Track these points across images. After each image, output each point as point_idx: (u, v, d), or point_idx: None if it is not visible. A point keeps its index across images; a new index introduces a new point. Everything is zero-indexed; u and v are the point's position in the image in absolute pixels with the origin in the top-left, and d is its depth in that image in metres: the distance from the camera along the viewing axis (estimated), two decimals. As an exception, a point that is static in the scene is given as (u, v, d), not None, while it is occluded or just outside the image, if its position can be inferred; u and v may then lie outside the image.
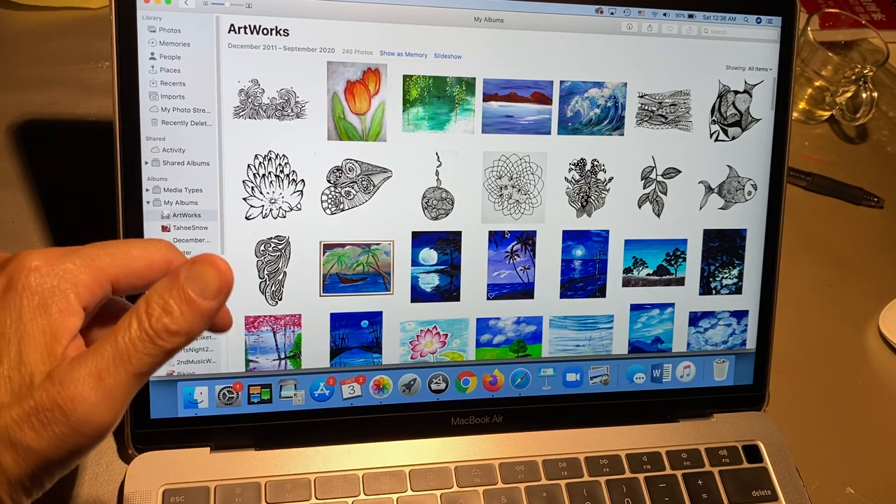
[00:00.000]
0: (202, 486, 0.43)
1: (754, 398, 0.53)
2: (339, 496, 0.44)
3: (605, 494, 0.47)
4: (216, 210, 0.44)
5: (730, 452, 0.50)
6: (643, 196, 0.50)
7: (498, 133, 0.47)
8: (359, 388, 0.47)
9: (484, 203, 0.47)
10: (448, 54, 0.46)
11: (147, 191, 0.42)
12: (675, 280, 0.51)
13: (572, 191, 0.49)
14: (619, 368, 0.51)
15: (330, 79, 0.44)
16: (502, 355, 0.49)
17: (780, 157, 0.52)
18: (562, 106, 0.48)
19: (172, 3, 0.42)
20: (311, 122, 0.44)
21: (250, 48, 0.43)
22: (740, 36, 0.50)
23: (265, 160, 0.44)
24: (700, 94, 0.50)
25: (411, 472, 0.46)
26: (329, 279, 0.46)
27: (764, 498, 0.49)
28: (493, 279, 0.48)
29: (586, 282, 0.50)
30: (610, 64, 0.48)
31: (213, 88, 0.43)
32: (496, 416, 0.49)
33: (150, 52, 0.42)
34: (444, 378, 0.48)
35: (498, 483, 0.46)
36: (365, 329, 0.46)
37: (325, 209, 0.45)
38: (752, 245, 0.52)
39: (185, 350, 0.44)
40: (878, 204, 0.73)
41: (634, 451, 0.49)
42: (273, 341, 0.45)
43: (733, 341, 0.52)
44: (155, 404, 0.44)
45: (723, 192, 0.51)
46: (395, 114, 0.45)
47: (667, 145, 0.50)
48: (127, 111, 0.42)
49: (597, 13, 0.48)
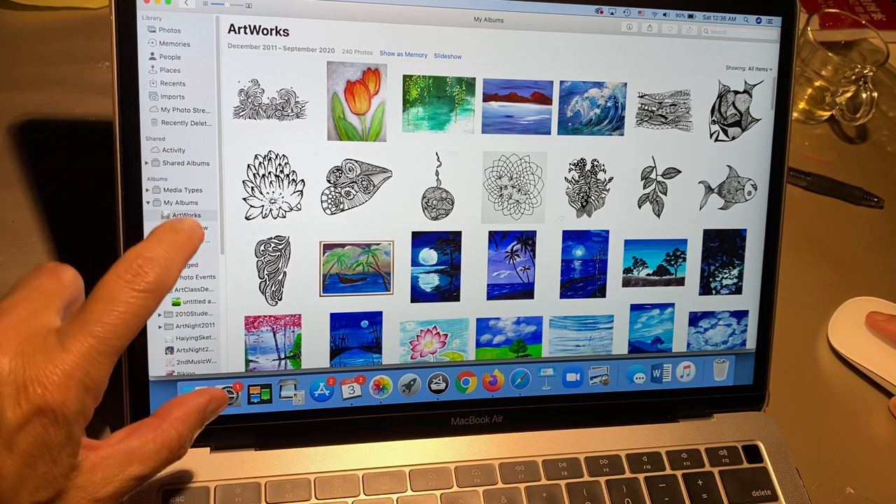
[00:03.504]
0: (202, 486, 0.43)
1: (754, 398, 0.53)
2: (339, 496, 0.44)
3: (605, 494, 0.47)
4: (216, 210, 0.44)
5: (730, 452, 0.50)
6: (643, 196, 0.50)
7: (498, 133, 0.47)
8: (359, 388, 0.47)
9: (484, 203, 0.47)
10: (448, 54, 0.46)
11: (147, 191, 0.42)
12: (675, 280, 0.51)
13: (572, 191, 0.49)
14: (619, 368, 0.51)
15: (330, 79, 0.44)
16: (502, 355, 0.49)
17: (780, 157, 0.52)
18: (562, 106, 0.48)
19: (172, 3, 0.42)
20: (311, 122, 0.44)
21: (250, 48, 0.43)
22: (740, 36, 0.50)
23: (265, 160, 0.44)
24: (700, 94, 0.50)
25: (411, 472, 0.46)
26: (329, 279, 0.46)
27: (764, 498, 0.49)
28: (493, 279, 0.48)
29: (586, 282, 0.50)
30: (610, 64, 0.48)
31: (213, 88, 0.43)
32: (496, 416, 0.49)
33: (150, 52, 0.42)
34: (444, 378, 0.48)
35: (498, 483, 0.46)
36: (365, 329, 0.46)
37: (325, 209, 0.45)
38: (752, 245, 0.52)
39: (185, 350, 0.44)
40: (878, 204, 0.73)
41: (634, 451, 0.49)
42: (273, 341, 0.45)
43: (733, 341, 0.52)
44: (155, 404, 0.44)
45: (723, 192, 0.51)
46: (395, 114, 0.45)
47: (667, 145, 0.50)
48: (127, 111, 0.42)
49: (597, 13, 0.48)
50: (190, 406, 0.34)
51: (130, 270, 0.30)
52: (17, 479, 0.28)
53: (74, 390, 0.28)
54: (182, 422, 0.34)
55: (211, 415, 0.35)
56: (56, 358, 0.28)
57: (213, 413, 0.36)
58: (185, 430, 0.34)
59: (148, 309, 0.31)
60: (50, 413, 0.28)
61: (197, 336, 0.44)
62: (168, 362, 0.44)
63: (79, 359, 0.28)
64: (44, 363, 0.28)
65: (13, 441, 0.27)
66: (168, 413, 0.34)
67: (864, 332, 0.61)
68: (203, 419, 0.35)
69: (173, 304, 0.43)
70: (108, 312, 0.29)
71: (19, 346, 0.28)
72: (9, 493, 0.28)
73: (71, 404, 0.28)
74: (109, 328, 0.29)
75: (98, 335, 0.29)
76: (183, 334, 0.44)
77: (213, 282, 0.44)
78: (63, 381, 0.28)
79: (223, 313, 0.44)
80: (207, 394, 0.35)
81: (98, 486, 0.30)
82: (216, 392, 0.36)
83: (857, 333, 0.61)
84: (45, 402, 0.28)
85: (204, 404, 0.35)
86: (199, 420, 0.35)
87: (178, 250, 0.32)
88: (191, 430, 0.34)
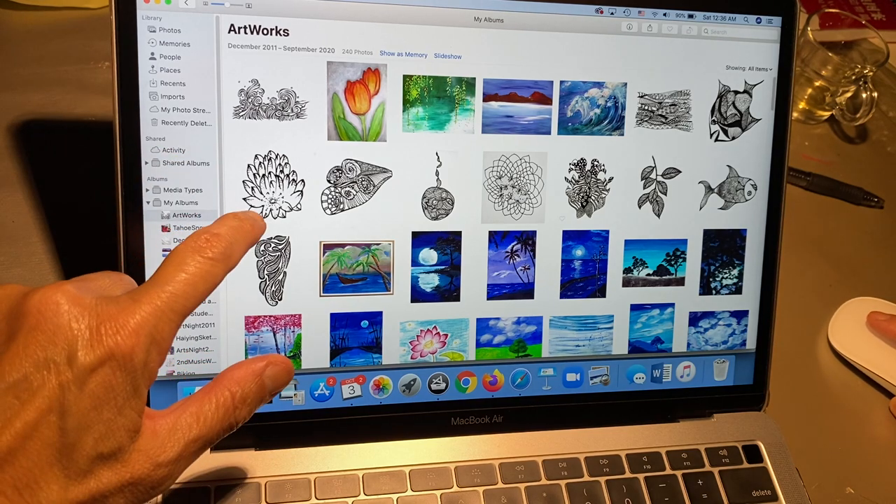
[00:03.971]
0: (202, 486, 0.43)
1: (754, 398, 0.53)
2: (339, 496, 0.44)
3: (605, 494, 0.47)
4: (216, 210, 0.44)
5: (730, 452, 0.50)
6: (643, 196, 0.50)
7: (498, 133, 0.47)
8: (359, 388, 0.47)
9: (484, 203, 0.47)
10: (448, 54, 0.46)
11: (147, 191, 0.42)
12: (675, 280, 0.51)
13: (572, 191, 0.49)
14: (619, 368, 0.51)
15: (330, 79, 0.44)
16: (502, 355, 0.49)
17: (780, 157, 0.52)
18: (562, 106, 0.48)
19: (172, 3, 0.42)
20: (311, 122, 0.44)
21: (250, 48, 0.43)
22: (740, 36, 0.50)
23: (265, 160, 0.44)
24: (700, 94, 0.50)
25: (411, 472, 0.46)
26: (329, 279, 0.46)
27: (764, 498, 0.49)
28: (493, 279, 0.48)
29: (586, 282, 0.50)
30: (610, 64, 0.48)
31: (213, 88, 0.43)
32: (496, 416, 0.49)
33: (150, 52, 0.42)
34: (444, 378, 0.48)
35: (498, 483, 0.46)
36: (365, 329, 0.46)
37: (325, 209, 0.45)
38: (752, 245, 0.52)
39: (185, 350, 0.44)
40: (878, 204, 0.73)
41: (634, 451, 0.49)
42: (273, 341, 0.45)
43: (733, 341, 0.52)
44: (155, 404, 0.44)
45: (723, 192, 0.51)
46: (395, 114, 0.45)
47: (667, 145, 0.50)
48: (127, 111, 0.42)
49: (597, 13, 0.48)
50: (246, 369, 0.34)
51: (199, 241, 0.33)
52: (84, 420, 0.29)
53: (144, 340, 0.30)
54: (236, 382, 0.34)
55: (270, 381, 0.35)
56: (128, 309, 0.30)
57: (272, 379, 0.35)
58: (239, 391, 0.34)
59: (215, 276, 0.33)
60: (120, 357, 0.29)
61: (197, 336, 0.44)
62: (168, 362, 0.44)
63: (150, 312, 0.30)
64: (117, 313, 0.30)
65: (85, 381, 0.29)
66: (224, 376, 0.34)
67: (864, 332, 0.61)
68: (261, 384, 0.34)
69: (173, 304, 0.43)
70: (178, 273, 0.32)
71: (97, 298, 0.30)
72: (74, 432, 0.28)
73: (139, 354, 0.30)
74: (180, 286, 0.31)
75: (169, 292, 0.31)
76: (183, 334, 0.44)
77: (213, 282, 0.44)
78: (135, 330, 0.30)
79: (223, 313, 0.44)
80: (266, 358, 0.35)
81: (159, 451, 0.31)
82: (275, 357, 0.35)
83: (857, 334, 0.61)
84: (116, 346, 0.29)
85: (261, 368, 0.35)
86: (257, 384, 0.34)
87: (241, 233, 0.35)
88: (245, 392, 0.34)
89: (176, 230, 0.43)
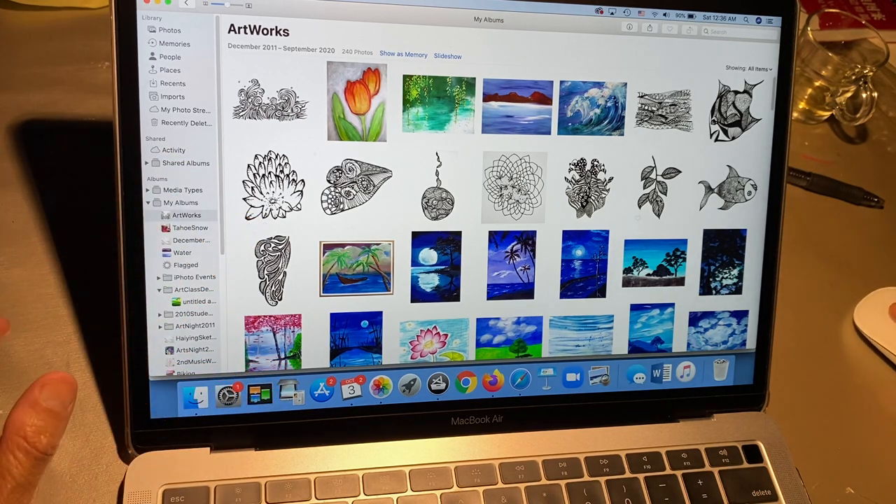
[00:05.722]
0: (202, 486, 0.43)
1: (754, 398, 0.53)
2: (339, 496, 0.44)
3: (605, 494, 0.47)
4: (216, 210, 0.44)
5: (730, 452, 0.50)
6: (643, 196, 0.50)
7: (498, 133, 0.47)
8: (359, 388, 0.47)
9: (484, 203, 0.47)
10: (448, 54, 0.46)
11: (147, 191, 0.42)
12: (675, 280, 0.51)
13: (572, 191, 0.49)
14: (619, 368, 0.51)
15: (330, 79, 0.44)
16: (502, 355, 0.49)
17: (780, 157, 0.52)
18: (562, 106, 0.48)
19: (172, 3, 0.42)
20: (311, 122, 0.44)
21: (250, 48, 0.43)
22: (740, 36, 0.50)
23: (265, 160, 0.44)
24: (700, 94, 0.50)
25: (411, 472, 0.46)
26: (329, 279, 0.46)
27: (764, 498, 0.49)
28: (493, 279, 0.48)
29: (586, 282, 0.50)
30: (610, 64, 0.48)
31: (213, 88, 0.43)
32: (496, 416, 0.49)
33: (150, 52, 0.42)
34: (444, 378, 0.48)
35: (498, 483, 0.46)
36: (365, 329, 0.46)
37: (325, 209, 0.45)
38: (752, 245, 0.52)
39: (185, 350, 0.44)
40: (878, 204, 0.73)
41: (634, 451, 0.49)
42: (273, 341, 0.45)
43: (733, 341, 0.52)
44: (155, 404, 0.44)
45: (723, 192, 0.51)
46: (395, 114, 0.45)
47: (667, 145, 0.50)
48: (127, 111, 0.42)
49: (597, 13, 0.48)
50: (21, 405, 0.35)
51: None
52: None
53: None
54: (20, 424, 0.35)
55: (52, 400, 0.36)
56: None
57: (52, 398, 0.36)
58: (30, 428, 0.35)
59: None
60: None
61: (197, 336, 0.44)
62: (168, 362, 0.44)
63: None
64: None
65: None
66: (7, 426, 0.35)
67: (887, 319, 0.62)
68: (45, 409, 0.35)
69: (173, 304, 0.43)
70: None
71: None
72: None
73: None
74: None
75: None
76: (183, 334, 0.44)
77: (213, 282, 0.44)
78: None
79: (223, 313, 0.44)
80: (39, 382, 0.36)
81: None
82: (46, 377, 0.36)
83: (881, 320, 0.62)
84: None
85: (35, 396, 0.36)
86: (42, 412, 0.35)
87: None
88: (36, 426, 0.35)
89: (176, 230, 0.43)
